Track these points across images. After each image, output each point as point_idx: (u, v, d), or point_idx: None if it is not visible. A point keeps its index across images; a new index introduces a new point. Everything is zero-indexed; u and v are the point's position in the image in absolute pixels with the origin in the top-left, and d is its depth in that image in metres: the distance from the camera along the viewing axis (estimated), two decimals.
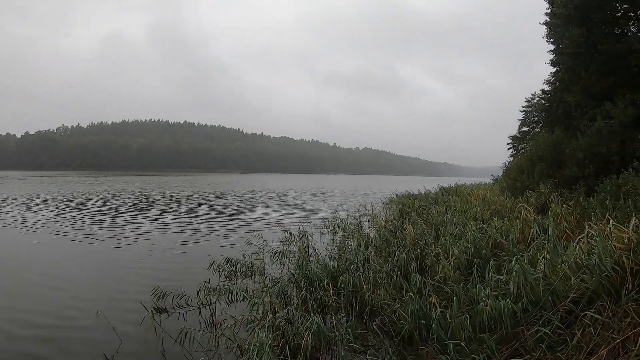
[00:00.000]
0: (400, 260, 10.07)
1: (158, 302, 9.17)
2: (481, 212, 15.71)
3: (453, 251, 9.80)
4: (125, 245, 16.14)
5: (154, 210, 29.66)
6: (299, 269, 9.83)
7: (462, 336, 6.14)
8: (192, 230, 20.31)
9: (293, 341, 6.48)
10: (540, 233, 9.56)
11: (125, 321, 8.27)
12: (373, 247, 12.80)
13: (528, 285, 6.56)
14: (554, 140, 20.30)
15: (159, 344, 7.11)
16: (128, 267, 12.93)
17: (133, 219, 24.31)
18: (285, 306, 8.00)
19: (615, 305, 5.55)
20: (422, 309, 6.93)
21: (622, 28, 20.47)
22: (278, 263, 11.94)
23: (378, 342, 7.01)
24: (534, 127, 47.47)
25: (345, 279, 8.84)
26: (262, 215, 27.02)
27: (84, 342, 7.51)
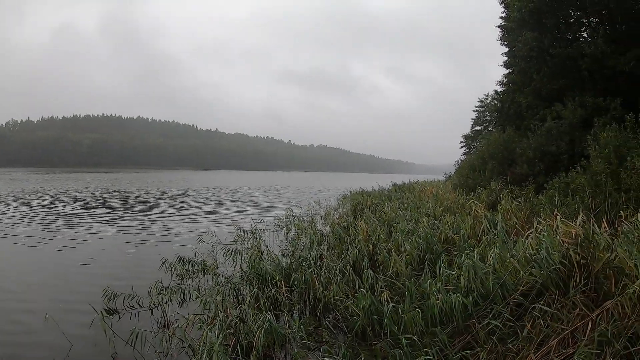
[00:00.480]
0: (352, 257, 10.06)
1: (109, 303, 8.91)
2: (433, 209, 15.89)
3: (405, 247, 9.85)
4: (74, 245, 15.60)
5: (104, 209, 28.92)
6: (251, 267, 9.70)
7: (414, 330, 6.16)
8: (144, 229, 19.91)
9: (245, 340, 6.38)
10: (491, 228, 9.70)
11: (75, 324, 7.99)
12: (326, 244, 12.79)
13: (478, 280, 6.64)
14: (505, 139, 20.84)
15: (110, 346, 6.84)
16: (77, 268, 12.51)
17: (82, 218, 23.61)
18: (237, 304, 7.90)
19: (563, 297, 5.67)
20: (374, 304, 6.93)
21: (574, 33, 21.23)
22: (231, 261, 11.78)
23: (331, 338, 7.00)
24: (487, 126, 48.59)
25: (297, 276, 8.80)
26: (216, 213, 26.77)
27: (33, 347, 7.26)
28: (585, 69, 18.27)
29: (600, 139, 11.64)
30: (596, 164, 11.09)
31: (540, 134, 17.73)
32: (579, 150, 15.59)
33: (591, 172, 11.32)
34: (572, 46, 18.61)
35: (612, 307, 5.16)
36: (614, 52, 16.95)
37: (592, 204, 9.97)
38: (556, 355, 5.01)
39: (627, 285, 5.24)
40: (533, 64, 21.01)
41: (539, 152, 17.13)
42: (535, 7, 19.05)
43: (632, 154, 10.22)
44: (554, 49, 18.59)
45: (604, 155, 11.07)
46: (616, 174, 10.38)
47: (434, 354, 5.60)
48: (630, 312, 5.02)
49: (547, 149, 16.93)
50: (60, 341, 7.12)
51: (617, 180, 10.23)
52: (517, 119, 23.48)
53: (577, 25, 21.40)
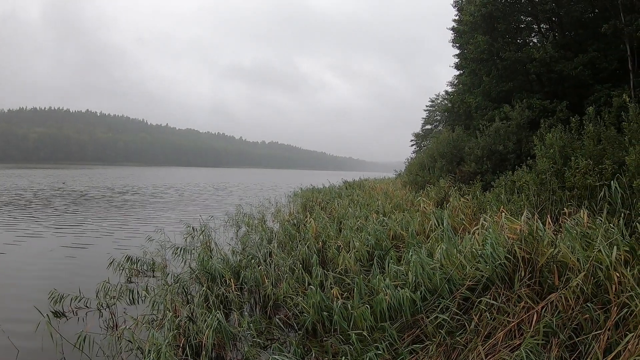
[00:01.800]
0: (302, 254, 10.09)
1: (55, 305, 8.58)
2: (383, 206, 16.04)
3: (354, 243, 9.91)
4: (13, 247, 14.86)
5: (47, 208, 27.82)
6: (200, 265, 9.58)
7: (364, 326, 6.20)
8: (90, 228, 19.29)
9: (195, 339, 6.32)
10: (439, 225, 9.85)
11: (21, 329, 7.63)
12: (276, 241, 12.81)
13: (426, 275, 6.72)
14: (455, 138, 21.28)
15: (58, 350, 6.65)
16: (20, 270, 11.97)
17: (23, 217, 22.60)
18: (186, 304, 7.80)
19: (509, 291, 5.80)
20: (324, 301, 6.97)
21: (524, 38, 22.00)
22: (180, 260, 11.55)
23: (282, 335, 6.99)
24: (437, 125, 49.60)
25: (247, 274, 8.76)
26: (165, 211, 26.28)
27: None
28: (534, 72, 18.88)
29: (546, 139, 11.95)
30: (542, 163, 11.38)
31: (488, 133, 18.17)
32: (526, 149, 16.06)
33: (537, 171, 11.60)
34: (522, 50, 19.09)
35: (557, 299, 5.31)
36: (562, 57, 17.53)
37: (537, 201, 10.23)
38: (503, 347, 5.13)
39: (570, 279, 5.40)
40: (483, 66, 21.52)
41: (487, 151, 17.56)
42: (489, 12, 19.47)
43: (576, 154, 10.54)
44: (504, 53, 19.03)
45: (549, 155, 11.39)
46: (560, 173, 10.69)
47: (384, 349, 5.67)
48: (574, 304, 5.17)
49: (495, 148, 17.38)
50: (6, 347, 6.80)
51: (562, 178, 10.53)
52: (466, 118, 24.04)
53: (527, 30, 22.18)
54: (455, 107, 25.80)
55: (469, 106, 22.94)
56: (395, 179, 37.03)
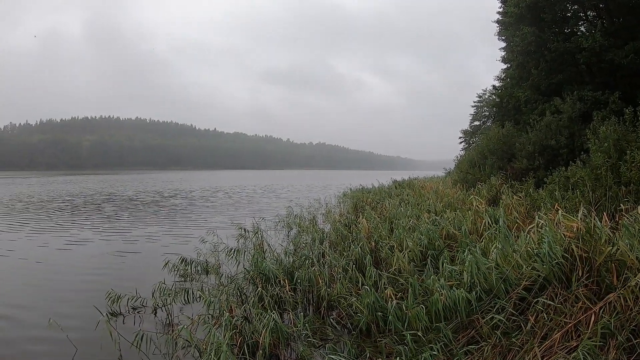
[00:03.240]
0: (355, 254, 10.06)
1: (112, 305, 8.89)
2: (434, 205, 15.89)
3: (407, 243, 9.87)
4: (73, 249, 15.56)
5: (99, 212, 28.82)
6: (254, 266, 9.71)
7: (418, 326, 6.18)
8: (146, 230, 19.93)
9: (251, 339, 6.42)
10: (492, 224, 9.71)
11: (80, 328, 7.96)
12: (328, 241, 12.81)
13: (481, 275, 6.66)
14: (505, 134, 20.88)
15: (116, 348, 6.86)
16: (78, 271, 12.48)
17: (79, 221, 23.64)
18: (242, 304, 7.92)
19: (566, 291, 5.70)
20: (378, 301, 6.95)
21: (572, 27, 21.30)
22: (233, 260, 11.68)
23: (336, 335, 7.01)
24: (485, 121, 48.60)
25: (301, 275, 8.82)
26: (217, 213, 26.70)
27: (37, 353, 7.23)
28: (584, 62, 18.35)
29: (600, 132, 11.66)
30: (596, 157, 11.12)
31: (539, 128, 17.76)
32: (579, 144, 15.65)
33: (591, 166, 11.34)
34: (570, 40, 18.63)
35: (615, 300, 5.20)
36: (611, 45, 17.02)
37: (593, 198, 10.00)
38: (560, 349, 5.04)
39: (629, 278, 5.28)
40: (531, 58, 21.05)
41: (538, 147, 17.17)
42: (533, 1, 19.10)
43: (631, 148, 10.25)
44: (552, 44, 18.62)
45: (603, 149, 11.10)
46: (616, 167, 10.41)
47: (439, 350, 5.64)
48: (633, 304, 5.06)
49: (547, 143, 16.97)
50: (65, 346, 7.10)
51: (617, 173, 10.26)
52: (516, 113, 23.53)
53: (574, 19, 21.48)
54: (503, 101, 25.30)
55: (518, 100, 22.49)
56: (445, 178, 36.58)
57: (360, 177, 74.73)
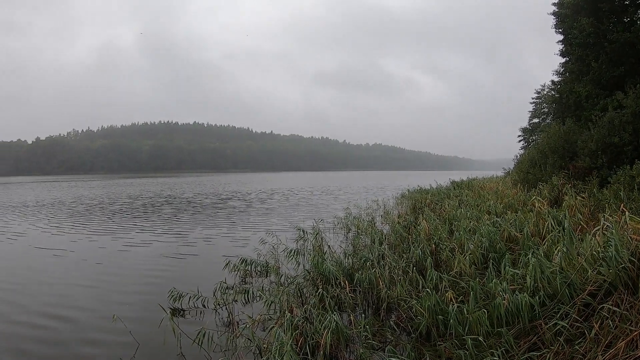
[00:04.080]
0: (415, 256, 10.02)
1: (174, 303, 9.22)
2: (494, 206, 15.64)
3: (468, 246, 9.78)
4: (134, 250, 16.12)
5: (168, 211, 30.02)
6: (314, 267, 9.83)
7: (479, 331, 6.12)
8: (204, 231, 20.36)
9: (312, 339, 6.50)
10: (555, 226, 9.51)
11: (142, 324, 8.34)
12: (387, 243, 12.77)
13: (545, 279, 6.54)
14: (565, 131, 20.25)
15: (177, 345, 7.12)
16: (139, 272, 12.93)
17: (142, 222, 24.48)
18: (302, 304, 8.02)
19: (633, 297, 5.52)
20: (439, 304, 6.89)
21: (631, 16, 20.41)
22: (293, 261, 11.91)
23: (395, 338, 7.01)
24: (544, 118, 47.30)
25: (361, 276, 8.84)
26: (275, 215, 26.94)
27: (100, 347, 7.57)
28: None
29: None
30: None
31: (601, 124, 17.15)
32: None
33: None
34: (630, 30, 17.95)
35: None
36: None
37: None
38: (624, 358, 4.87)
39: None
40: (590, 51, 20.40)
41: (601, 144, 16.58)
42: None
43: None
44: (611, 34, 17.98)
45: None
46: None
47: (500, 355, 5.56)
48: None
49: (610, 140, 16.36)
50: (128, 341, 7.45)
51: None
52: (576, 109, 22.79)
53: (634, 7, 20.61)
54: (563, 97, 24.57)
55: (578, 96, 21.80)
56: (504, 178, 35.87)
57: (417, 178, 74.12)
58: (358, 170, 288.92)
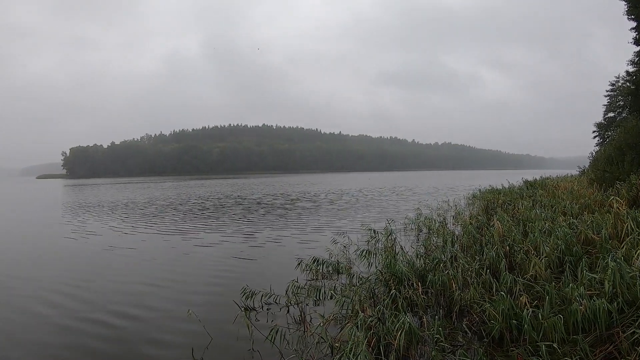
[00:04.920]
0: (489, 258, 9.81)
1: (247, 301, 9.44)
2: (570, 206, 15.17)
3: (543, 248, 9.55)
4: (207, 248, 16.67)
5: (238, 211, 30.78)
6: (386, 268, 9.81)
7: (554, 337, 5.97)
8: (274, 231, 20.68)
9: (384, 340, 6.53)
10: (635, 228, 9.15)
11: (215, 319, 8.66)
12: (459, 244, 12.58)
13: (624, 284, 6.33)
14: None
15: (249, 341, 7.31)
16: (212, 269, 13.36)
17: (215, 221, 25.24)
18: (374, 305, 8.06)
19: None
20: (512, 308, 6.75)
21: None
22: (364, 262, 11.92)
23: (467, 342, 6.92)
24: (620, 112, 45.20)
25: (434, 278, 8.75)
26: (346, 215, 26.97)
27: (174, 339, 7.97)
28: None
29: None
30: None
31: None
32: None
33: None
34: None
35: None
36: None
37: None
38: None
39: None
40: None
41: None
42: None
43: None
44: None
45: None
46: None
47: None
48: None
49: None
50: (201, 335, 7.75)
51: None
52: None
53: None
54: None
55: None
56: (579, 176, 34.60)
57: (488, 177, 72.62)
58: (427, 170, 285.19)
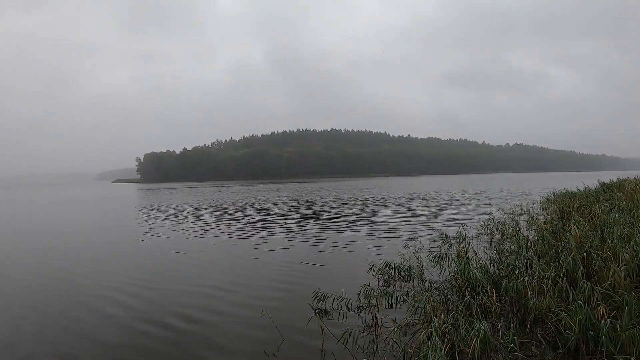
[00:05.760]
0: (565, 265, 9.55)
1: (318, 304, 9.58)
2: None
3: (623, 255, 9.24)
4: (275, 252, 16.93)
5: (307, 215, 31.10)
6: (461, 273, 9.70)
7: (632, 351, 5.80)
8: (345, 235, 20.75)
9: (458, 347, 6.53)
10: None
11: (288, 320, 8.86)
12: (533, 250, 12.26)
13: None
14: None
15: (320, 343, 7.47)
16: (284, 271, 13.62)
17: (284, 225, 25.61)
18: (448, 311, 8.05)
19: None
20: (590, 319, 6.53)
21: None
22: (437, 267, 11.83)
23: (541, 352, 6.79)
24: None
25: (508, 285, 8.59)
26: (416, 219, 26.78)
27: (247, 339, 8.21)
28: None
29: None
30: None
31: None
32: None
33: None
34: None
35: None
36: None
37: None
38: None
39: None
40: None
41: None
42: None
43: None
44: None
45: None
46: None
47: None
48: None
49: None
50: (274, 336, 8.01)
51: None
52: None
53: None
54: None
55: None
56: None
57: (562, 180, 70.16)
58: (498, 173, 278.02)
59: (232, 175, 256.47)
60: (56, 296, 11.65)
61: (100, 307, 10.50)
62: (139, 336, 8.62)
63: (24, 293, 12.06)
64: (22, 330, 9.10)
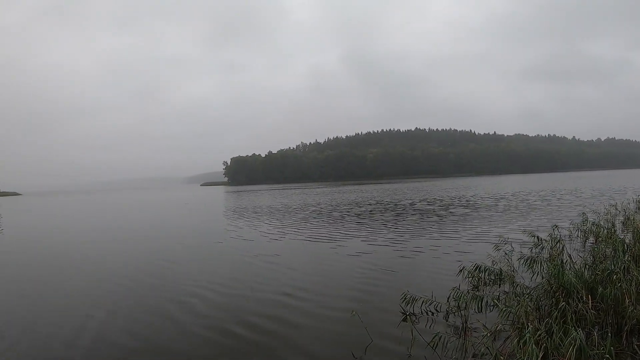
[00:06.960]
0: None
1: (407, 306, 9.51)
2: None
3: None
4: (363, 253, 16.96)
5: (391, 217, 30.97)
6: (553, 278, 9.30)
7: None
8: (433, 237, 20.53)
9: (552, 356, 6.30)
10: None
11: (377, 321, 8.93)
12: (630, 253, 11.54)
13: None
14: None
15: (408, 347, 7.44)
16: (377, 271, 13.70)
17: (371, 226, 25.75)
18: (540, 317, 7.79)
19: None
20: None
21: None
22: (528, 270, 11.40)
23: None
24: None
25: (606, 291, 8.11)
26: (504, 221, 26.05)
27: (336, 338, 8.38)
28: None
29: None
30: None
31: None
32: None
33: None
34: None
35: None
36: None
37: None
38: None
39: None
40: None
41: None
42: None
43: None
44: None
45: None
46: None
47: None
48: None
49: None
50: (362, 336, 8.07)
51: None
52: None
53: None
54: None
55: None
56: None
57: None
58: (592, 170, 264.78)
59: (317, 176, 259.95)
60: (139, 299, 12.14)
61: (170, 310, 10.81)
62: (227, 335, 8.93)
63: (116, 290, 13.04)
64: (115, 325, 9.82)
